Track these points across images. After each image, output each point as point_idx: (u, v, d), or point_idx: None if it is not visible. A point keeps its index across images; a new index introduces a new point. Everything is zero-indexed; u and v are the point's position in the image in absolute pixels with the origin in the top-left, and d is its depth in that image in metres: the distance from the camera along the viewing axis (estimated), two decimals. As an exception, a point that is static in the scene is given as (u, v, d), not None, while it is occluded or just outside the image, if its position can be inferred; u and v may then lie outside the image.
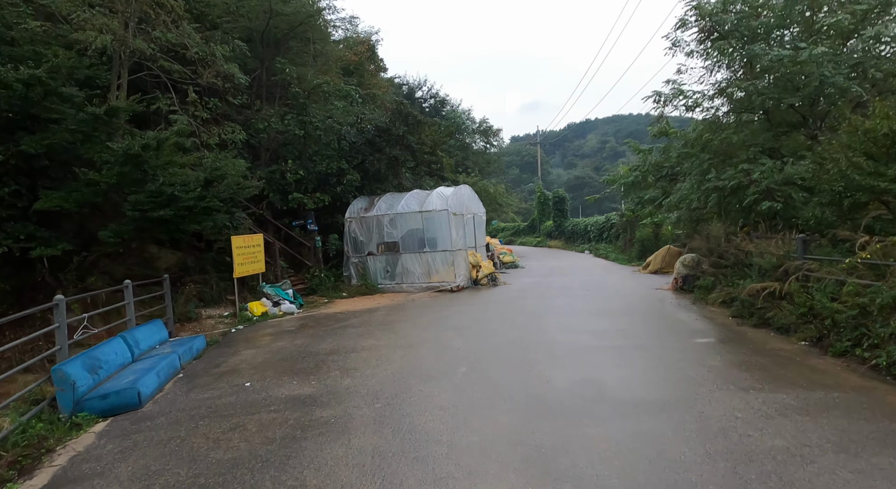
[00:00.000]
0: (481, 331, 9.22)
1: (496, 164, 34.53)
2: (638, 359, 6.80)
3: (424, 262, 15.47)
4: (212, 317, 12.00)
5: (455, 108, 32.90)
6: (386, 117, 17.35)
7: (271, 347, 8.95)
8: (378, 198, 16.60)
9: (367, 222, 16.10)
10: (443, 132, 23.32)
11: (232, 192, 11.80)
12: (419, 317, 11.00)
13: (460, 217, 16.01)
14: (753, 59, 9.66)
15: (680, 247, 18.15)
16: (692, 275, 12.36)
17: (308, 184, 16.22)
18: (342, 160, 16.53)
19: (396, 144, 17.30)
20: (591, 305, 11.33)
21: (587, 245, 34.36)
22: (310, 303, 13.87)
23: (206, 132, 13.09)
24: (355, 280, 16.08)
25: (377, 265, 16.02)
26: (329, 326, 10.61)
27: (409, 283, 15.60)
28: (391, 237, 15.87)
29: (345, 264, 16.42)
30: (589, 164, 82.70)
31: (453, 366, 6.93)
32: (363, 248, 16.19)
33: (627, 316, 9.88)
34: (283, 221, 16.54)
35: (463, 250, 15.84)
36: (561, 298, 12.64)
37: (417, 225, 15.59)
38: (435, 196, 15.70)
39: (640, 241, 24.38)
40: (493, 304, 12.26)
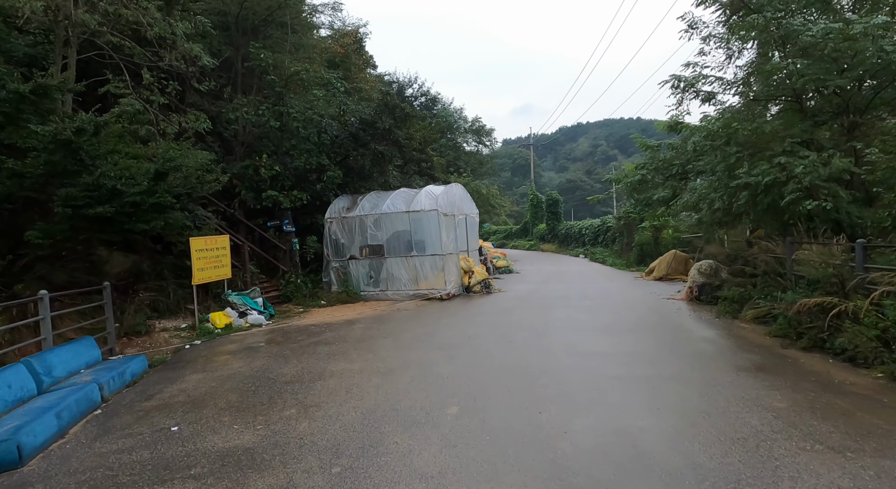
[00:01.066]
0: (475, 351, 7.69)
1: (489, 165, 33.07)
2: (675, 396, 5.31)
3: (412, 268, 13.93)
4: (167, 330, 10.37)
5: (447, 106, 31.43)
6: (371, 110, 15.80)
7: (224, 370, 7.36)
8: (361, 197, 15.05)
9: (348, 223, 14.55)
10: (433, 128, 21.80)
11: (189, 187, 10.19)
12: (403, 332, 9.45)
13: (451, 218, 14.51)
14: (790, 35, 8.25)
15: (686, 253, 16.79)
16: (709, 285, 10.93)
17: (285, 181, 14.64)
18: (322, 155, 14.97)
19: (382, 139, 15.76)
20: (599, 319, 9.85)
21: (581, 249, 33.01)
22: (282, 313, 12.27)
23: (165, 120, 11.46)
24: (336, 286, 14.51)
25: (360, 270, 14.46)
26: (298, 342, 9.04)
27: (395, 291, 14.06)
28: (375, 239, 14.33)
29: (324, 269, 14.84)
30: (580, 167, 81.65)
31: (441, 405, 5.40)
32: (344, 252, 14.63)
33: (644, 333, 8.40)
34: (257, 222, 14.94)
35: (454, 254, 14.32)
36: (563, 309, 11.15)
37: (404, 226, 14.06)
38: (423, 195, 14.18)
39: (639, 245, 23.07)
40: (488, 316, 10.74)
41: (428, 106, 28.66)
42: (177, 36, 11.08)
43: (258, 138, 15.13)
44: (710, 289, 10.80)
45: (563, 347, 7.62)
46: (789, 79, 8.16)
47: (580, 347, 7.58)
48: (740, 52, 10.60)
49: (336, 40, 23.45)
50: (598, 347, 7.55)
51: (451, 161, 28.70)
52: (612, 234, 29.04)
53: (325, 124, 15.27)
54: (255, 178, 14.27)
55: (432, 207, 13.75)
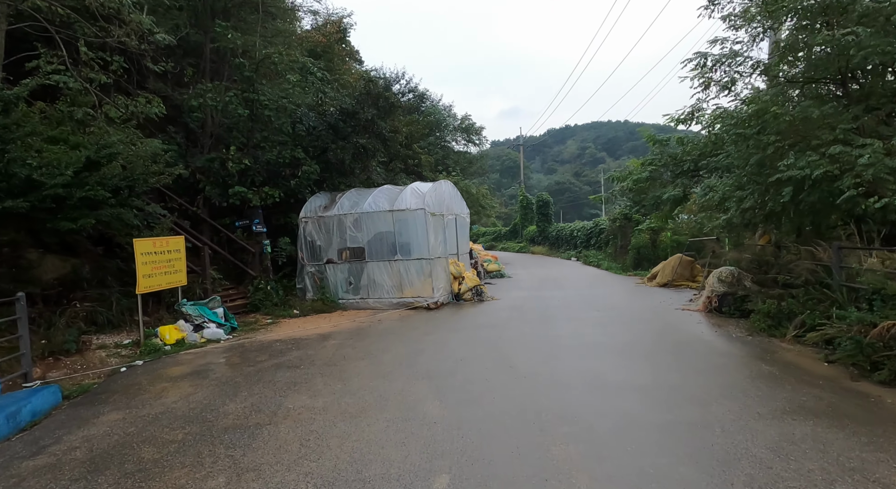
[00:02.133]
0: (470, 382, 6.17)
1: (479, 165, 31.59)
2: (746, 462, 3.83)
3: (395, 273, 12.39)
4: (105, 347, 8.71)
5: (435, 103, 29.91)
6: (352, 99, 14.23)
7: (153, 407, 5.76)
8: (340, 194, 13.47)
9: (326, 223, 12.96)
10: (421, 124, 20.28)
11: (131, 180, 8.57)
12: (383, 352, 7.90)
13: (440, 218, 12.99)
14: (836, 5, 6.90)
15: (692, 257, 15.45)
16: (731, 295, 9.54)
17: (255, 176, 13.01)
18: (298, 148, 13.36)
19: (365, 132, 14.20)
20: (612, 335, 8.39)
21: (573, 251, 31.67)
22: (247, 326, 10.64)
23: (110, 102, 9.80)
24: (311, 293, 12.90)
25: (338, 275, 12.87)
26: (257, 365, 7.46)
27: (377, 298, 12.50)
28: (355, 241, 12.76)
29: (298, 274, 13.23)
30: (569, 169, 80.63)
31: (426, 471, 3.87)
32: (321, 255, 13.04)
33: (674, 357, 6.94)
34: (223, 222, 13.29)
35: (443, 258, 12.81)
36: (567, 322, 9.68)
37: (387, 227, 12.51)
38: (409, 192, 12.65)
39: (636, 248, 21.77)
40: (482, 331, 9.23)
41: (416, 103, 27.14)
42: (123, 4, 9.42)
43: (228, 129, 13.50)
44: (733, 300, 9.41)
45: (580, 377, 6.12)
46: (842, 53, 6.77)
47: (601, 377, 6.09)
48: (766, 32, 9.23)
49: (318, 30, 21.88)
50: (623, 377, 6.07)
51: (440, 159, 27.18)
52: (606, 237, 27.74)
53: (300, 114, 13.68)
54: (221, 172, 12.64)
55: (419, 206, 12.23)
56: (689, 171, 11.80)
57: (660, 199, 12.05)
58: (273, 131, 13.32)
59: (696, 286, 14.34)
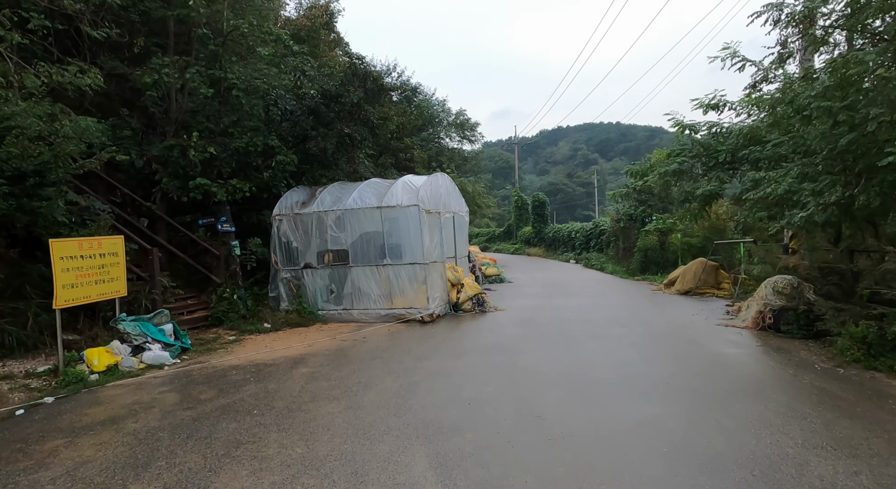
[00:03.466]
0: (484, 447, 4.27)
1: (474, 162, 29.73)
2: None
3: (384, 280, 10.48)
4: (11, 377, 6.74)
5: (428, 97, 28.02)
6: (336, 81, 12.30)
7: (15, 485, 3.84)
8: (321, 189, 11.54)
9: (303, 221, 11.02)
10: (413, 114, 18.40)
11: (40, 164, 6.59)
12: (364, 389, 5.98)
13: (436, 216, 11.11)
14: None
15: (714, 261, 13.69)
16: (790, 310, 7.75)
17: (222, 166, 11.04)
18: (272, 135, 11.40)
19: (350, 118, 12.28)
20: (653, 362, 6.54)
21: (572, 254, 29.95)
22: (204, 345, 8.67)
23: (27, 69, 7.79)
24: (286, 303, 10.95)
25: (317, 282, 10.93)
26: (197, 407, 5.53)
27: (363, 309, 10.58)
28: (337, 243, 10.83)
29: (271, 281, 11.26)
30: (562, 170, 79.02)
31: None
32: (298, 258, 11.09)
33: (753, 399, 5.07)
34: (184, 219, 11.30)
35: (439, 262, 10.93)
36: (592, 343, 7.84)
37: (375, 226, 10.60)
38: (400, 187, 10.75)
39: (643, 250, 20.06)
40: (491, 355, 7.35)
41: (408, 98, 25.20)
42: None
43: (193, 114, 11.51)
44: (795, 316, 7.62)
45: (638, 438, 4.26)
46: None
47: (668, 436, 4.23)
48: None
49: (303, 13, 19.93)
50: (702, 438, 4.21)
51: (434, 156, 25.31)
52: (607, 238, 26.03)
53: (275, 96, 11.72)
54: (181, 162, 10.65)
55: (412, 202, 10.34)
56: (724, 163, 10.01)
57: (691, 194, 10.24)
58: (244, 116, 11.35)
59: (723, 294, 12.59)
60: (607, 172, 72.80)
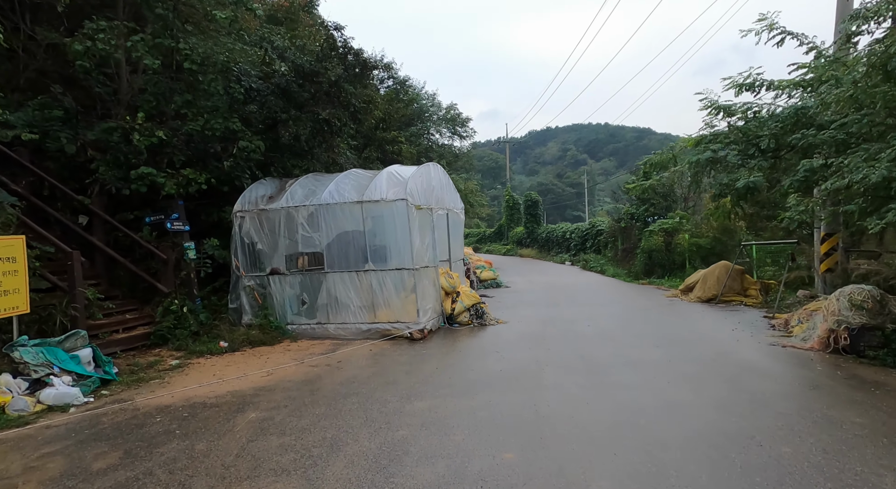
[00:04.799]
0: None
1: (465, 159, 27.96)
2: None
3: (366, 288, 8.66)
4: None
5: (418, 90, 26.22)
6: (311, 55, 10.44)
7: None
8: (292, 181, 9.69)
9: (270, 219, 9.16)
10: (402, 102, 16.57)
11: None
12: (330, 454, 4.13)
13: (427, 213, 9.32)
14: None
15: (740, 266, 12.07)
16: (875, 329, 6.09)
17: (174, 154, 9.15)
18: (234, 118, 9.52)
19: (328, 100, 10.43)
20: (728, 410, 4.79)
21: (567, 255, 28.35)
22: (135, 373, 6.77)
23: None
24: (249, 316, 9.09)
25: (286, 291, 9.08)
26: (92, 481, 3.69)
27: (340, 324, 8.75)
28: (310, 245, 8.99)
29: (232, 289, 9.37)
30: (551, 171, 77.61)
31: None
32: (264, 263, 9.23)
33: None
34: (126, 217, 9.38)
35: (431, 268, 9.15)
36: (625, 371, 6.10)
37: (355, 225, 8.78)
38: (385, 178, 8.94)
39: (647, 252, 18.47)
40: (501, 394, 5.56)
41: (397, 91, 23.34)
42: None
43: (141, 91, 9.59)
44: (883, 338, 5.96)
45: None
46: None
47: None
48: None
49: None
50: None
51: (423, 152, 23.50)
52: (605, 239, 24.46)
53: (238, 71, 9.84)
54: (123, 148, 8.74)
55: (398, 196, 8.54)
56: (768, 150, 8.35)
57: (728, 187, 8.55)
58: (200, 95, 9.47)
59: (751, 302, 10.96)
60: (597, 173, 71.61)
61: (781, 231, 16.48)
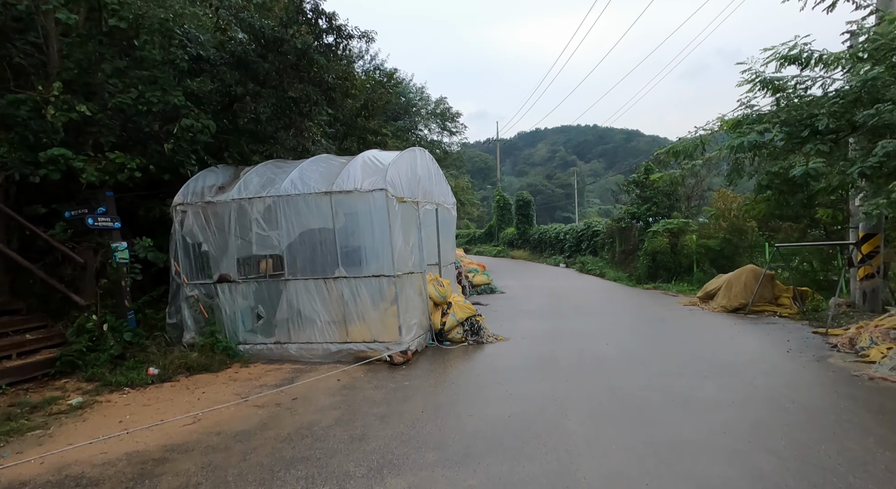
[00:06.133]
0: None
1: (456, 156, 26.21)
2: None
3: (336, 300, 6.88)
4: None
5: (406, 83, 24.45)
6: (274, 19, 8.64)
7: None
8: (247, 169, 7.87)
9: (218, 214, 7.33)
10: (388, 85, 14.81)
11: None
12: None
13: (412, 207, 7.56)
14: None
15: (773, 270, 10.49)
16: None
17: (100, 134, 7.30)
18: (177, 91, 7.67)
19: (296, 74, 8.65)
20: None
21: (561, 257, 26.77)
22: (15, 419, 4.92)
23: None
24: (191, 334, 7.25)
25: (238, 303, 7.25)
26: None
27: (304, 344, 6.96)
28: (267, 245, 7.18)
29: (171, 301, 7.51)
30: (540, 172, 76.21)
31: None
32: (211, 267, 7.40)
33: None
34: (36, 210, 7.48)
35: (417, 273, 7.40)
36: (676, 419, 4.39)
37: (322, 221, 6.99)
38: (360, 165, 7.16)
39: (650, 254, 16.91)
40: (514, 462, 3.82)
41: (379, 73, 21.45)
42: None
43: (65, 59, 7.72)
44: None
45: None
46: None
47: None
48: None
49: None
50: None
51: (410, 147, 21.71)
52: (602, 240, 22.90)
53: (183, 35, 8.00)
54: (33, 125, 6.88)
55: (376, 186, 6.77)
56: (827, 132, 6.73)
57: (776, 176, 6.93)
58: (134, 62, 7.62)
59: (786, 313, 9.36)
60: (586, 174, 70.39)
61: (797, 232, 15.03)
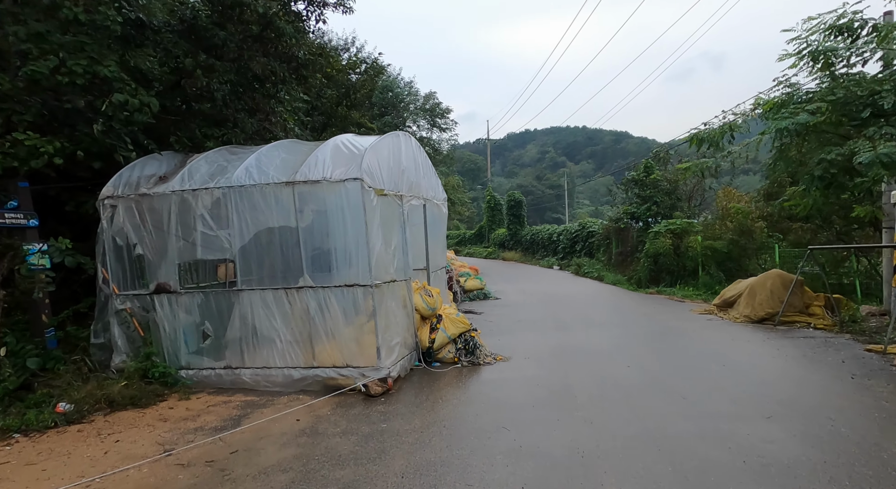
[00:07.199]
0: None
1: (448, 154, 24.85)
2: None
3: (300, 315, 5.51)
4: None
5: (395, 78, 23.07)
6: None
7: None
8: (194, 157, 6.45)
9: (155, 209, 5.90)
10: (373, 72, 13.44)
11: None
12: None
13: (394, 202, 6.20)
14: None
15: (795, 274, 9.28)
16: None
17: (12, 111, 5.86)
18: (110, 61, 6.24)
19: (260, 45, 7.26)
20: None
21: (555, 258, 25.55)
22: None
23: None
24: (122, 356, 5.82)
25: (180, 318, 5.84)
26: None
27: (260, 369, 5.58)
28: (214, 247, 5.78)
29: (98, 316, 6.07)
30: (530, 173, 75.23)
31: None
32: (148, 275, 5.97)
33: None
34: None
35: (401, 282, 6.05)
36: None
37: (283, 218, 5.61)
38: (331, 151, 5.78)
39: (652, 256, 15.72)
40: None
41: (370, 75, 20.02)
42: None
43: None
44: None
45: None
46: None
47: None
48: None
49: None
50: None
51: (398, 143, 20.29)
52: (598, 241, 21.72)
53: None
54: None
55: (350, 175, 5.40)
56: (891, 112, 5.52)
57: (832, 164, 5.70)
58: (61, 26, 6.19)
59: (821, 324, 8.16)
60: (575, 175, 69.57)
61: (808, 233, 13.90)
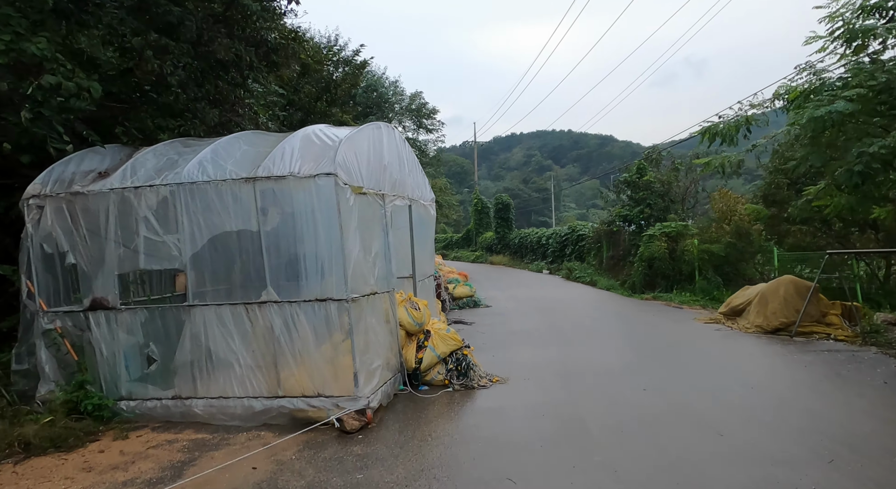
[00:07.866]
0: None
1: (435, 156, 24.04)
2: None
3: (263, 335, 4.62)
4: None
5: (380, 77, 22.20)
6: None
7: None
8: (141, 150, 5.53)
9: (90, 210, 4.96)
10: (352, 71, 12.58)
11: None
12: None
13: (375, 202, 5.34)
14: None
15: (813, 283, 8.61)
16: None
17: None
18: (39, 37, 5.29)
19: (224, 25, 6.37)
20: None
21: (544, 262, 24.90)
22: None
23: None
24: (51, 386, 4.86)
25: (120, 339, 4.90)
26: None
27: (215, 399, 4.67)
28: (160, 255, 4.86)
29: (21, 338, 5.10)
30: (517, 176, 74.92)
31: None
32: (82, 288, 5.03)
33: None
34: None
35: (382, 293, 5.18)
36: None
37: (243, 221, 4.72)
38: (300, 142, 4.90)
39: (647, 260, 15.11)
40: None
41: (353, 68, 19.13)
42: None
43: None
44: None
45: None
46: None
47: None
48: None
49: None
50: None
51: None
52: (589, 245, 21.10)
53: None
54: None
55: (323, 169, 4.53)
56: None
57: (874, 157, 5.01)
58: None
59: (842, 336, 7.49)
60: (562, 179, 69.43)
61: (808, 235, 13.39)
